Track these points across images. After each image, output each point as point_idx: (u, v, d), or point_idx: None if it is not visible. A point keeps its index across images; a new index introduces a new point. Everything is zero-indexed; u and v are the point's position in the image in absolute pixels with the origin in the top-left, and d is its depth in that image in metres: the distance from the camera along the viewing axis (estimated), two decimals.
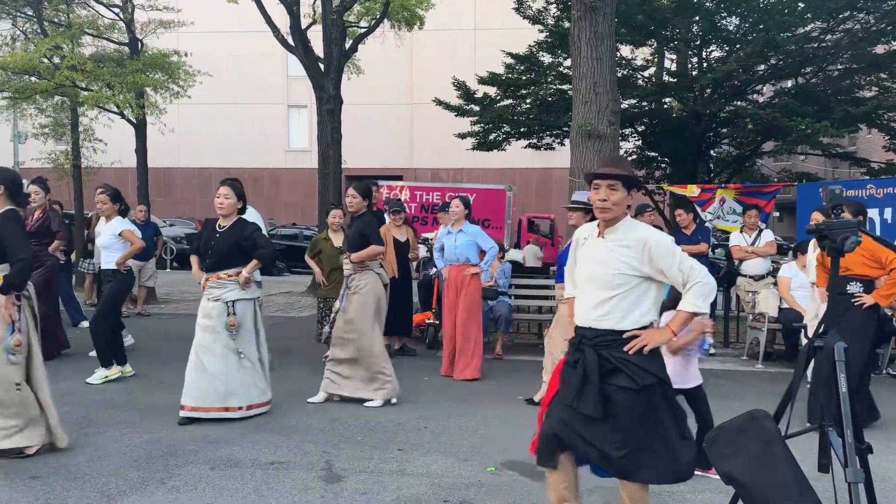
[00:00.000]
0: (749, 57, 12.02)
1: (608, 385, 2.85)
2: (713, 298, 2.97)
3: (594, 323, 2.95)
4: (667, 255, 2.90)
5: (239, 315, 5.13)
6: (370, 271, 5.65)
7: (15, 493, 3.71)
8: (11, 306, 4.11)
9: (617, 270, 2.91)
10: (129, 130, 13.57)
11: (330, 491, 3.83)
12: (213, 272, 5.18)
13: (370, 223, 5.72)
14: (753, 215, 8.40)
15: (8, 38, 13.70)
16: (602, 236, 3.03)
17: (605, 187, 2.93)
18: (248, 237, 5.16)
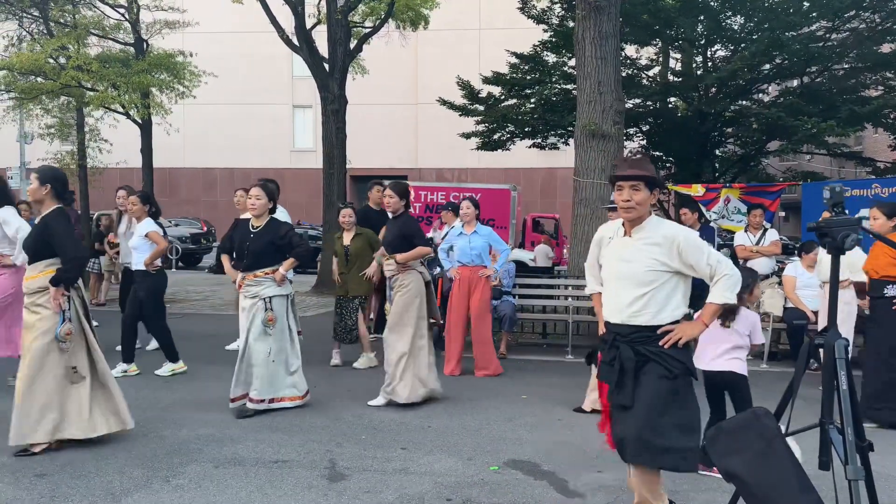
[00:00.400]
0: (754, 56, 12.00)
1: (643, 375, 2.97)
2: (739, 290, 3.07)
3: (628, 320, 3.05)
4: (696, 250, 3.00)
5: (276, 310, 5.32)
6: (413, 270, 5.71)
7: (20, 491, 3.73)
8: (60, 297, 4.33)
9: (648, 267, 3.01)
10: (135, 131, 13.64)
11: (333, 489, 3.84)
12: (250, 271, 5.33)
13: (410, 223, 5.77)
14: (758, 214, 8.37)
15: (14, 38, 13.78)
16: (629, 235, 3.12)
17: (629, 188, 3.02)
18: (284, 236, 5.35)
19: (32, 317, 4.38)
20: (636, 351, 3.00)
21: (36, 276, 4.40)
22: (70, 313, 4.38)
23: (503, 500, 3.75)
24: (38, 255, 4.44)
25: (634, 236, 3.09)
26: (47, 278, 4.34)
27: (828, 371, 2.32)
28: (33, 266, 4.45)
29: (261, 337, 5.29)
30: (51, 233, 4.38)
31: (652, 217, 3.11)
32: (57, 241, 4.37)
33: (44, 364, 4.32)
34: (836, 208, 2.32)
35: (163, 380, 6.35)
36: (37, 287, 4.38)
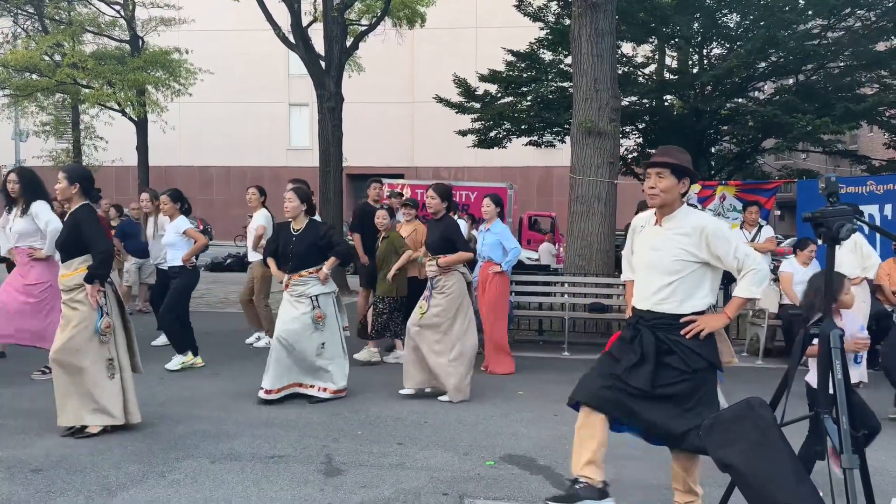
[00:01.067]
0: (750, 54, 12.03)
1: (661, 363, 3.02)
2: (766, 286, 3.12)
3: (654, 307, 3.10)
4: (723, 241, 3.04)
5: (322, 307, 5.51)
6: (455, 272, 5.76)
7: (15, 486, 3.72)
8: (97, 293, 4.49)
9: (676, 257, 3.05)
10: (130, 129, 13.60)
11: (329, 484, 3.84)
12: (296, 272, 5.54)
13: (452, 226, 5.83)
14: (754, 211, 8.40)
15: (9, 35, 13.73)
16: (659, 224, 3.16)
17: (655, 175, 3.09)
18: (324, 237, 5.59)
19: (72, 312, 4.51)
20: (657, 337, 3.04)
21: (72, 274, 4.54)
22: (108, 307, 4.55)
23: (499, 494, 3.76)
24: (71, 253, 4.57)
25: (665, 225, 3.13)
26: (82, 275, 4.49)
27: (823, 361, 2.34)
28: (67, 264, 4.58)
29: (313, 334, 5.48)
30: (80, 228, 4.52)
31: (683, 207, 3.16)
32: (87, 237, 4.52)
33: (85, 355, 4.46)
34: (832, 198, 2.33)
35: (158, 376, 6.33)
36: (73, 284, 4.52)
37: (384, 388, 5.93)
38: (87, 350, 4.48)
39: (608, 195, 8.88)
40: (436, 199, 5.81)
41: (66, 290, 4.56)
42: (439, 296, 5.69)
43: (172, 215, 6.88)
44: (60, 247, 4.68)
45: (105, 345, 4.54)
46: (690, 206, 3.24)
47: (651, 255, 3.14)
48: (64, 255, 4.63)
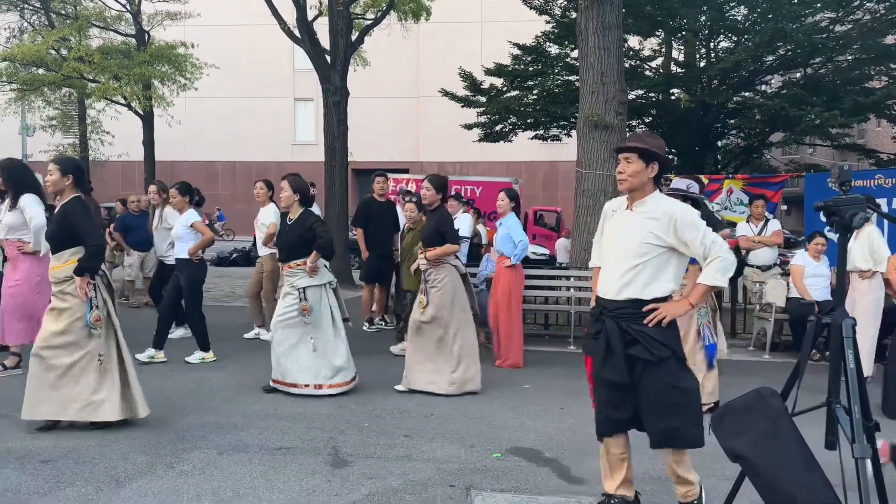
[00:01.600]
0: (758, 47, 11.97)
1: (629, 354, 3.02)
2: (731, 274, 3.09)
3: (617, 294, 3.09)
4: (692, 227, 3.03)
5: (310, 300, 5.44)
6: (446, 265, 5.72)
7: (25, 477, 3.74)
8: (86, 286, 4.43)
9: (642, 240, 3.05)
10: (136, 123, 13.62)
11: (337, 475, 3.85)
12: (286, 262, 5.55)
13: (446, 218, 5.80)
14: (760, 205, 8.36)
15: (16, 29, 13.76)
16: (630, 209, 3.16)
17: (623, 160, 3.11)
18: (310, 228, 5.50)
19: (62, 304, 4.48)
20: (620, 327, 3.04)
21: (62, 266, 4.49)
22: (97, 300, 4.49)
23: (506, 486, 3.76)
24: (61, 245, 4.52)
25: (636, 210, 3.13)
26: (72, 268, 4.44)
27: (835, 350, 2.32)
28: (58, 255, 4.53)
29: (295, 325, 5.45)
30: (72, 221, 4.47)
31: (655, 193, 3.15)
32: (79, 230, 4.47)
33: (76, 349, 4.43)
34: (844, 187, 2.31)
35: (167, 368, 6.36)
36: (63, 276, 4.48)
37: (391, 381, 5.92)
38: (79, 344, 4.44)
39: (614, 189, 8.85)
40: (431, 190, 5.77)
41: (57, 281, 4.51)
42: (432, 290, 5.66)
43: (182, 208, 6.89)
44: (50, 238, 4.62)
45: (97, 339, 4.48)
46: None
47: (619, 239, 3.14)
48: (54, 246, 4.57)
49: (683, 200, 5.38)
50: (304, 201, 5.66)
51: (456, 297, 5.69)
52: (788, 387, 2.43)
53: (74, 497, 3.50)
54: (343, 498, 3.55)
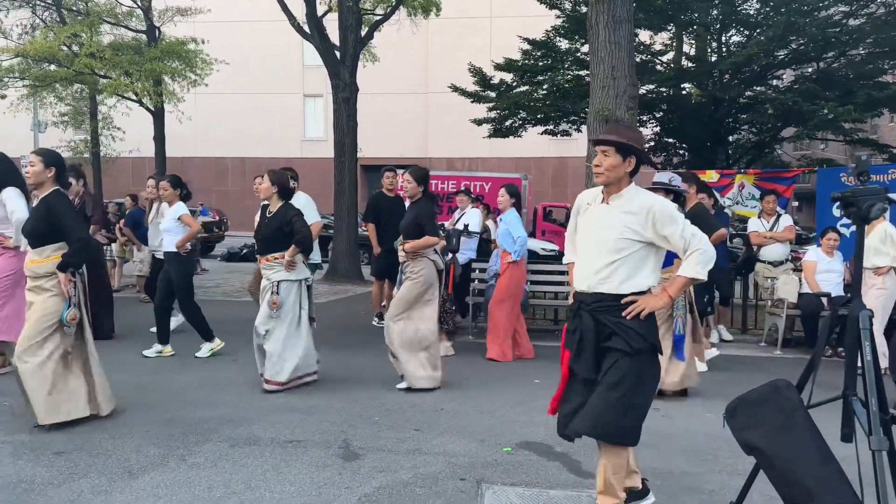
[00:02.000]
0: (770, 41, 11.86)
1: (606, 348, 2.97)
2: (711, 267, 3.02)
3: (594, 287, 3.02)
4: (670, 221, 2.97)
5: (282, 295, 5.38)
6: (425, 258, 5.66)
7: (39, 468, 3.77)
8: (69, 283, 4.35)
9: (620, 235, 2.98)
10: (147, 120, 13.68)
11: (347, 468, 3.86)
12: (263, 255, 5.51)
13: (425, 210, 5.73)
14: (771, 200, 8.31)
15: (28, 26, 13.84)
16: (607, 202, 3.09)
17: (600, 153, 3.05)
18: (289, 222, 5.43)
19: (37, 298, 4.36)
20: (598, 321, 2.98)
21: (43, 261, 4.38)
22: (76, 298, 4.39)
23: (517, 480, 3.76)
24: (42, 240, 4.41)
25: (612, 203, 3.07)
26: (54, 263, 4.34)
27: (851, 342, 2.30)
28: (39, 250, 4.40)
29: (266, 320, 5.40)
30: (55, 214, 4.36)
31: (631, 186, 3.08)
32: (63, 224, 4.36)
33: (45, 346, 4.33)
34: (862, 177, 2.28)
35: (179, 362, 6.40)
36: (44, 272, 4.36)
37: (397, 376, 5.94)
38: (49, 340, 4.33)
39: None
40: (411, 182, 5.71)
41: (35, 276, 4.37)
42: (408, 282, 5.62)
43: (172, 201, 6.83)
44: (30, 232, 4.46)
45: (67, 337, 4.38)
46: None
47: (596, 233, 3.06)
48: (35, 241, 4.43)
49: (666, 195, 5.38)
50: (284, 194, 5.57)
51: (428, 291, 5.62)
52: (803, 380, 2.41)
53: (88, 488, 3.52)
54: (354, 491, 3.56)
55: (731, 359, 7.33)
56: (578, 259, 3.16)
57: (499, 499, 3.52)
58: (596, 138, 3.13)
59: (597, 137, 3.14)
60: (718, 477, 3.88)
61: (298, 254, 5.47)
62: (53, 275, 4.35)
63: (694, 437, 4.58)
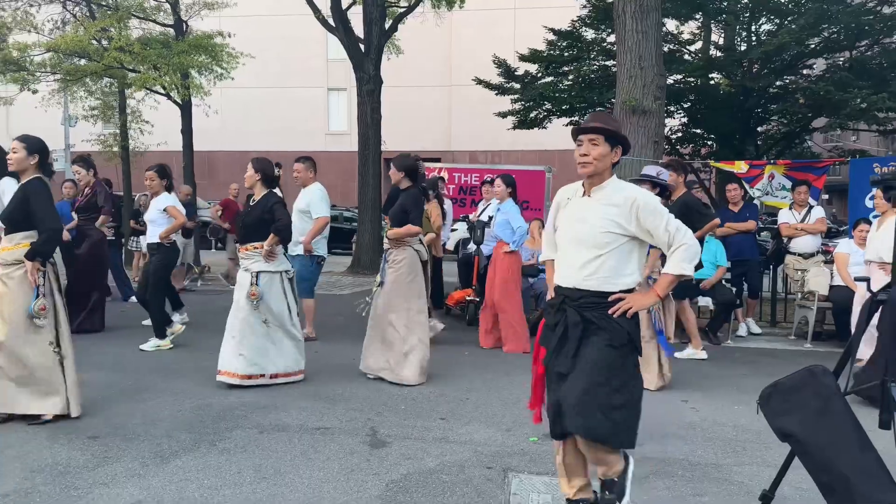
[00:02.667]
0: (802, 30, 11.61)
1: (586, 342, 2.83)
2: (697, 262, 2.93)
3: (580, 283, 2.89)
4: (654, 214, 2.86)
5: (262, 286, 5.22)
6: (408, 247, 5.61)
7: (74, 452, 3.86)
8: (36, 272, 4.22)
9: (604, 229, 2.85)
10: (174, 114, 13.82)
11: (375, 455, 3.88)
12: (243, 244, 5.37)
13: (413, 199, 5.67)
14: (804, 191, 8.15)
15: (59, 21, 14.06)
16: (588, 195, 2.95)
17: (587, 142, 2.89)
18: (270, 210, 5.30)
19: (3, 288, 4.24)
20: (583, 317, 2.84)
21: (12, 248, 4.28)
22: (45, 289, 4.26)
23: (543, 469, 3.75)
24: (15, 226, 4.31)
25: (594, 196, 2.93)
26: (23, 251, 4.24)
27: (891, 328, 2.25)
28: (10, 237, 4.30)
29: (242, 311, 5.22)
30: (31, 202, 4.25)
31: (613, 178, 2.95)
32: (36, 213, 4.24)
33: (27, 339, 4.23)
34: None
35: (209, 350, 6.48)
36: (13, 259, 4.25)
37: None
38: (29, 332, 4.23)
39: None
40: (393, 170, 5.73)
41: (4, 264, 4.26)
42: (390, 270, 5.56)
43: (158, 192, 6.83)
44: (6, 218, 4.34)
45: (42, 328, 4.25)
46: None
47: (578, 227, 2.91)
48: (8, 227, 4.32)
49: (652, 188, 5.33)
50: (268, 181, 5.44)
51: (412, 282, 5.55)
52: (840, 366, 2.37)
53: (122, 471, 3.59)
54: (381, 477, 3.58)
55: (761, 352, 7.25)
56: (561, 255, 3.02)
57: (525, 487, 3.52)
58: (584, 126, 2.91)
59: (585, 125, 2.91)
60: (748, 469, 3.84)
61: (278, 244, 5.32)
62: (22, 263, 4.23)
63: (722, 429, 4.54)
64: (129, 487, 3.40)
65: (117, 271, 9.21)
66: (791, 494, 3.44)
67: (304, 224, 6.76)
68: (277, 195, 5.47)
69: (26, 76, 12.73)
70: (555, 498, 3.36)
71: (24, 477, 3.50)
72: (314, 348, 6.78)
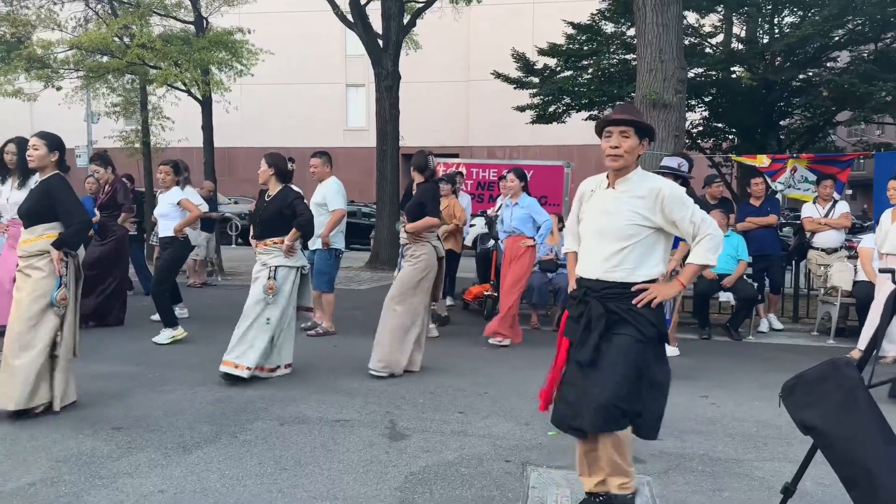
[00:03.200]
0: (825, 21, 11.43)
1: (611, 335, 2.84)
2: (721, 252, 2.95)
3: (604, 275, 2.90)
4: (679, 205, 2.86)
5: (279, 281, 5.25)
6: (427, 243, 5.60)
7: (98, 442, 3.92)
8: (60, 261, 4.31)
9: (630, 221, 2.86)
10: (195, 111, 13.94)
11: (394, 447, 3.90)
12: (261, 239, 5.38)
13: (428, 192, 5.69)
14: (829, 185, 8.03)
15: (81, 19, 14.24)
16: (613, 187, 2.95)
17: (618, 134, 2.87)
18: (290, 205, 5.32)
19: (26, 279, 4.32)
20: (607, 308, 2.85)
21: (35, 240, 4.35)
22: (66, 279, 4.35)
23: (563, 462, 3.74)
24: (36, 219, 4.38)
25: (618, 188, 2.92)
26: (47, 242, 4.31)
27: None
28: (31, 229, 4.38)
29: (257, 304, 5.22)
30: (56, 197, 4.35)
31: (638, 169, 2.95)
32: (63, 206, 4.34)
33: (38, 328, 4.28)
34: None
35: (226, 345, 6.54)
36: (36, 250, 4.32)
37: (441, 360, 5.99)
38: (41, 322, 4.28)
39: None
40: (412, 169, 5.79)
41: (27, 255, 4.33)
42: (407, 265, 5.56)
43: (169, 185, 6.91)
44: (26, 212, 4.43)
45: (55, 319, 4.31)
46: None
47: (602, 219, 2.92)
48: (29, 220, 4.41)
49: (675, 180, 5.28)
50: (281, 176, 5.43)
51: (426, 278, 5.54)
52: (864, 358, 2.34)
53: (145, 461, 3.65)
54: (400, 469, 3.60)
55: (782, 347, 7.17)
56: (585, 247, 3.03)
57: (544, 480, 3.52)
58: (615, 117, 2.89)
59: (616, 117, 2.88)
60: (769, 464, 3.80)
61: (298, 240, 5.36)
62: (45, 254, 4.31)
63: (743, 424, 4.50)
64: (152, 477, 3.45)
65: (139, 266, 9.33)
66: (813, 490, 3.41)
67: (320, 217, 6.80)
68: (296, 190, 5.48)
69: (50, 73, 12.90)
70: (574, 492, 3.35)
71: (50, 466, 3.57)
72: (333, 342, 6.85)
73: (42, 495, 3.23)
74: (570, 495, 3.34)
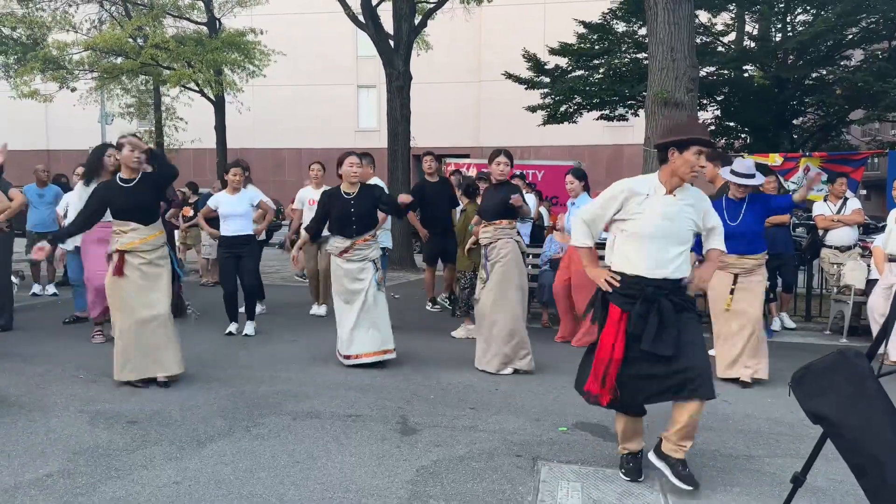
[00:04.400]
0: (838, 19, 11.36)
1: (682, 323, 3.23)
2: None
3: (670, 275, 3.27)
4: (714, 213, 3.47)
5: (382, 269, 5.79)
6: (511, 240, 5.61)
7: (114, 436, 3.97)
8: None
9: (689, 227, 3.32)
10: (208, 111, 14.08)
11: (405, 442, 3.93)
12: (360, 236, 5.59)
13: (514, 189, 5.66)
14: (843, 183, 7.98)
15: (96, 20, 14.42)
16: (672, 195, 3.31)
17: (702, 153, 3.29)
18: (379, 197, 5.76)
19: (159, 271, 5.00)
20: (674, 302, 3.23)
21: (159, 234, 5.04)
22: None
23: (574, 458, 3.76)
24: (155, 214, 5.04)
25: (678, 196, 3.30)
26: (162, 237, 5.05)
27: None
28: (153, 225, 5.00)
29: (379, 294, 5.65)
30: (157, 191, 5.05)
31: None
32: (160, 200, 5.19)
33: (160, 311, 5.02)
34: None
35: (241, 340, 6.61)
36: (161, 243, 5.03)
37: (454, 358, 6.00)
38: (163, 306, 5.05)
39: None
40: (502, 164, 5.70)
41: (153, 248, 4.96)
42: (497, 266, 5.55)
43: (238, 188, 7.04)
44: (145, 208, 4.96)
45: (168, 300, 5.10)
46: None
47: (665, 224, 3.25)
48: (148, 216, 4.97)
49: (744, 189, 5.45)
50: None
51: (521, 276, 5.59)
52: (874, 348, 2.34)
53: (160, 455, 3.70)
54: (412, 463, 3.63)
55: (795, 346, 7.13)
56: (636, 247, 3.27)
57: (555, 475, 3.53)
58: (708, 140, 3.31)
59: (708, 140, 3.32)
60: (780, 461, 3.80)
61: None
62: (164, 246, 5.05)
63: (754, 422, 4.49)
64: (167, 469, 3.50)
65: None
66: (825, 486, 3.40)
67: None
68: (380, 185, 6.07)
69: (65, 74, 13.08)
70: (584, 486, 3.37)
71: (67, 458, 3.62)
72: None
73: (59, 486, 3.29)
74: (580, 490, 3.36)
